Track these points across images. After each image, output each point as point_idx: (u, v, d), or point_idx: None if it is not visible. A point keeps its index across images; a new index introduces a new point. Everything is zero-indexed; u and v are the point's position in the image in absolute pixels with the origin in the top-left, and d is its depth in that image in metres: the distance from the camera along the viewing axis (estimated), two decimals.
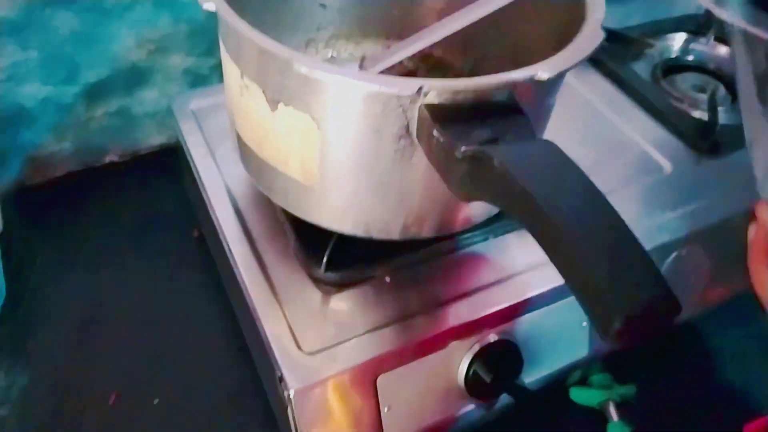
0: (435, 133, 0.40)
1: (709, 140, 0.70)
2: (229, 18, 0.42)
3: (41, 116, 0.78)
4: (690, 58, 0.87)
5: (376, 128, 0.43)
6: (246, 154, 0.53)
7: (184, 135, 0.67)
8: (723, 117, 0.74)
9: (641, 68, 0.83)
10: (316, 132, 0.44)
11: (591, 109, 0.77)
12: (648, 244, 0.58)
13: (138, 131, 0.86)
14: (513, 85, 0.42)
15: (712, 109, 0.72)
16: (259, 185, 0.54)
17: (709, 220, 0.63)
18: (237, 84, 0.48)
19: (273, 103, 0.45)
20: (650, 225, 0.62)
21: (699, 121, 0.74)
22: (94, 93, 0.79)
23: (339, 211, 0.50)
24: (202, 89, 0.76)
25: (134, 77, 0.80)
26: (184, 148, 0.67)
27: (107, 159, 0.86)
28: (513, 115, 0.42)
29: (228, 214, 0.60)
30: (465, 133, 0.39)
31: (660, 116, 0.75)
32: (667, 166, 0.69)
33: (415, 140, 0.43)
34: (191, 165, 0.65)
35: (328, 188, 0.48)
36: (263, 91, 0.45)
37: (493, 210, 0.54)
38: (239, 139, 0.53)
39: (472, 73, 0.68)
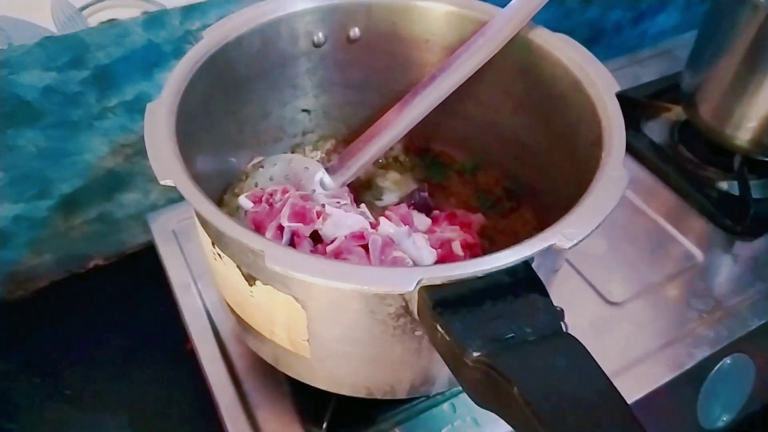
0: (439, 328, 0.34)
1: (742, 222, 0.63)
2: (192, 199, 0.36)
3: (15, 234, 0.72)
4: None
5: (370, 310, 0.37)
6: (230, 311, 0.47)
7: (164, 260, 0.61)
8: (755, 190, 0.67)
9: (656, 130, 0.77)
10: (300, 311, 0.38)
11: None
12: (688, 362, 0.56)
13: (122, 233, 0.80)
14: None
15: (743, 184, 0.66)
16: (247, 343, 0.49)
17: (752, 323, 0.56)
18: (210, 249, 0.42)
19: (250, 279, 0.39)
20: (686, 335, 0.55)
21: (728, 197, 0.67)
22: (71, 204, 0.74)
23: (336, 377, 0.44)
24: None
25: (113, 183, 0.75)
26: (165, 273, 0.61)
27: (92, 264, 0.81)
28: (530, 290, 0.35)
29: (212, 355, 0.55)
30: (474, 326, 0.33)
31: (683, 192, 0.68)
32: (697, 254, 0.63)
33: (417, 317, 0.37)
34: (173, 294, 0.59)
35: (321, 359, 0.42)
36: (238, 266, 0.39)
37: None
38: (220, 294, 0.47)
39: (475, 171, 0.62)
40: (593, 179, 0.40)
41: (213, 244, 0.41)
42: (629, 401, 0.51)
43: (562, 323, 0.34)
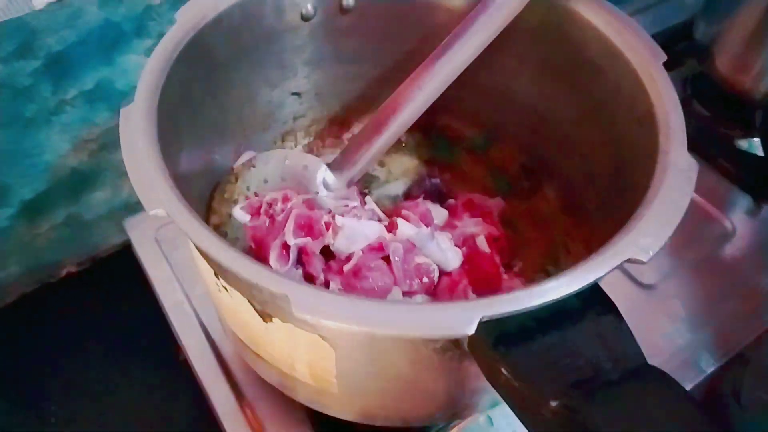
0: (504, 371, 0.28)
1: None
2: (192, 232, 0.30)
3: None
4: None
5: (414, 348, 0.31)
6: (237, 343, 0.41)
7: (149, 274, 0.55)
8: None
9: None
10: (329, 350, 0.33)
11: None
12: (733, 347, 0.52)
13: (94, 236, 0.73)
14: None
15: (766, 141, 0.61)
16: (257, 371, 0.43)
17: None
18: (212, 280, 0.36)
19: (266, 316, 0.33)
20: (728, 316, 0.52)
21: (750, 158, 0.63)
22: (34, 210, 0.66)
23: (368, 411, 0.39)
24: None
25: (78, 182, 0.67)
26: (152, 289, 0.55)
27: (64, 272, 0.74)
28: (602, 312, 0.30)
29: (215, 379, 0.49)
30: (546, 367, 0.28)
31: (700, 152, 0.63)
32: (726, 222, 0.59)
33: (467, 349, 0.32)
34: (164, 313, 0.53)
35: (351, 394, 0.37)
36: (250, 302, 0.33)
37: None
38: (223, 323, 0.41)
39: (486, 147, 0.56)
40: (654, 170, 0.34)
41: (217, 275, 0.34)
42: None
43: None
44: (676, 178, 0.33)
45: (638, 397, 0.27)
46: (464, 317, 0.27)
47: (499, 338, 0.29)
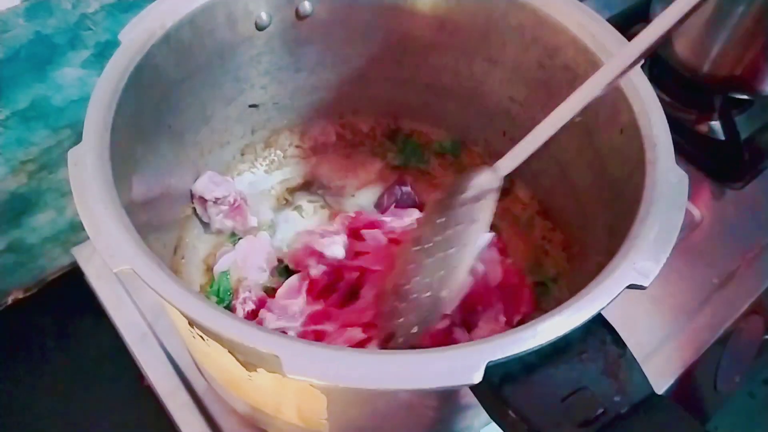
0: (512, 413, 0.27)
1: (736, 170, 0.59)
2: (164, 289, 0.27)
3: None
4: None
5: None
6: (212, 382, 0.39)
7: (107, 306, 0.51)
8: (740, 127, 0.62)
9: None
10: (320, 396, 0.31)
11: None
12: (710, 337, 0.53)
13: (39, 259, 0.68)
14: None
15: (730, 127, 0.61)
16: (236, 409, 0.41)
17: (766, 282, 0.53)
18: (185, 327, 0.33)
19: (250, 366, 0.31)
20: (704, 306, 0.52)
21: (712, 142, 0.63)
22: None
23: None
24: None
25: (18, 206, 0.62)
26: (111, 321, 0.51)
27: (9, 300, 0.69)
28: (605, 341, 0.29)
29: (186, 409, 0.46)
30: (554, 404, 0.27)
31: None
32: (693, 210, 0.59)
33: (473, 392, 0.30)
34: (126, 345, 0.50)
35: (344, 430, 0.35)
36: (231, 353, 0.31)
37: None
38: (198, 366, 0.38)
39: (457, 150, 0.55)
40: (644, 183, 0.33)
41: (191, 325, 0.32)
42: (665, 386, 0.49)
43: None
44: (668, 194, 0.32)
45: (650, 429, 0.26)
46: (469, 365, 0.26)
47: (504, 379, 0.28)
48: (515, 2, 0.42)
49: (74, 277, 0.71)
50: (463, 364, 0.26)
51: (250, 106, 0.50)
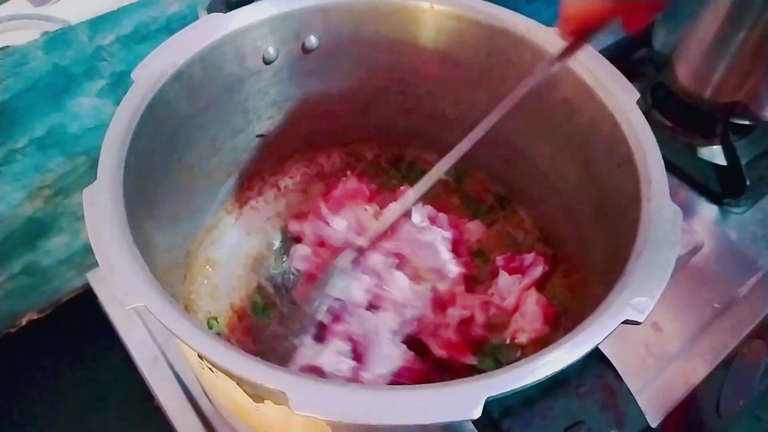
0: None
1: (737, 195, 0.60)
2: (176, 327, 0.28)
3: None
4: None
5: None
6: (220, 408, 0.40)
7: (120, 332, 0.52)
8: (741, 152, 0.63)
9: None
10: (326, 427, 0.32)
11: None
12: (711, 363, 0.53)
13: (53, 281, 0.70)
14: None
15: (730, 152, 0.62)
16: None
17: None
18: (195, 359, 0.34)
19: (257, 398, 0.32)
20: (705, 330, 0.53)
21: (714, 166, 0.63)
22: None
23: None
24: None
25: (34, 230, 0.64)
26: (123, 344, 0.53)
27: (24, 321, 0.71)
28: (601, 374, 0.30)
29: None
30: None
31: (665, 164, 0.64)
32: (696, 234, 0.59)
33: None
34: (137, 369, 0.51)
35: None
36: (239, 385, 0.32)
37: None
38: (206, 393, 0.39)
39: (460, 178, 0.56)
40: (639, 218, 0.34)
41: (201, 357, 0.33)
42: (665, 412, 0.49)
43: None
44: (663, 230, 0.33)
45: None
46: (469, 400, 0.27)
47: (504, 413, 0.29)
48: (515, 39, 0.44)
49: (87, 298, 0.72)
50: (463, 400, 0.27)
51: (258, 136, 0.51)
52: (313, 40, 0.47)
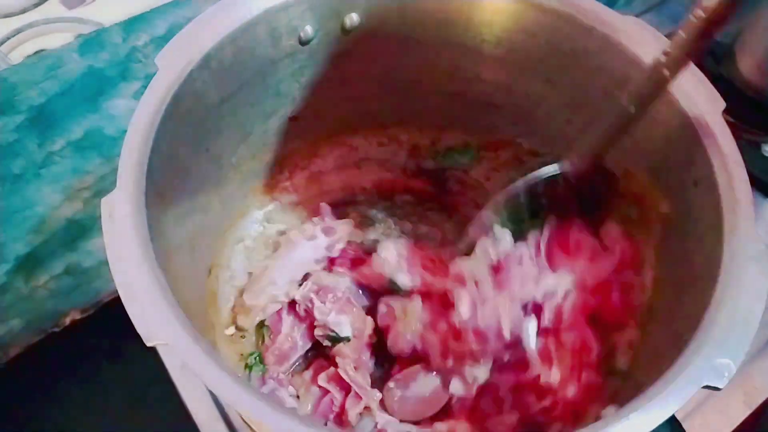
0: None
1: None
2: (207, 375, 0.25)
3: None
4: None
5: None
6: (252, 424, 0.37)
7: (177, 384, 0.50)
8: None
9: None
10: None
11: None
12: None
13: (95, 281, 0.70)
14: None
15: None
16: None
17: None
18: None
19: None
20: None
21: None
22: (31, 263, 0.63)
23: None
24: None
25: (74, 231, 0.63)
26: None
27: (67, 320, 0.71)
28: None
29: None
30: None
31: None
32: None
33: None
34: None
35: None
36: None
37: None
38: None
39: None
40: (721, 257, 0.28)
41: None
42: None
43: None
44: (748, 273, 0.27)
45: None
46: None
47: None
48: (581, 26, 0.38)
49: None
50: None
51: (290, 118, 0.47)
52: (354, 18, 0.43)
